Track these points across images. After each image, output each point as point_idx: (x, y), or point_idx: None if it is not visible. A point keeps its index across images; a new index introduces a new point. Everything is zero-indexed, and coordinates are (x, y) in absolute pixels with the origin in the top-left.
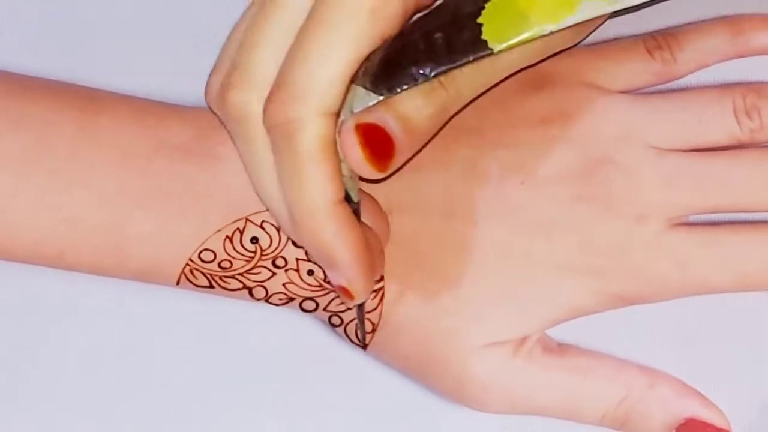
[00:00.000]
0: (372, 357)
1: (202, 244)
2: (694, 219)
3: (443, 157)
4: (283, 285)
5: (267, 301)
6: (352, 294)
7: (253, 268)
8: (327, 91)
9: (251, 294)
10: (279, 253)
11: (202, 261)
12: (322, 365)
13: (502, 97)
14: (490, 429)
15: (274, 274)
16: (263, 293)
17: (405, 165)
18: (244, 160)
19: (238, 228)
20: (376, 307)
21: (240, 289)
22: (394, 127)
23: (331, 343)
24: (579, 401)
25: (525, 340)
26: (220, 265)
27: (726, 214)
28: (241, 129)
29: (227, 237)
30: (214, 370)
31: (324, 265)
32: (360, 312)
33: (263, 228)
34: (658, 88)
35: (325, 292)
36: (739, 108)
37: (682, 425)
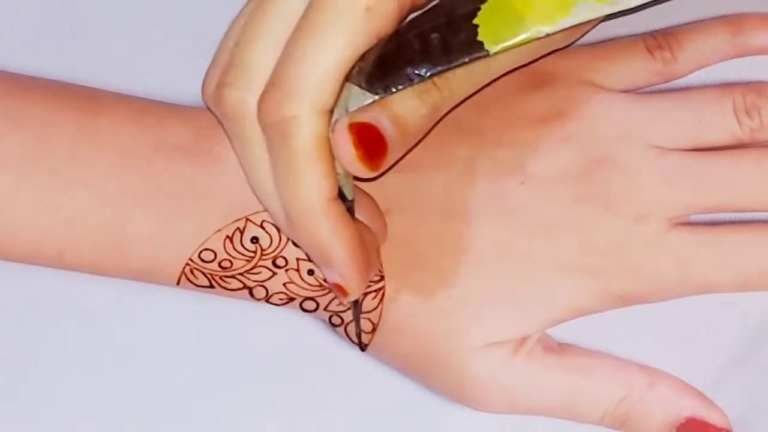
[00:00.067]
0: (372, 357)
1: (203, 244)
2: (694, 219)
3: (443, 157)
4: (284, 285)
5: (267, 301)
6: (346, 291)
7: (253, 268)
8: (321, 88)
9: (251, 294)
10: (279, 252)
11: (202, 261)
12: (322, 365)
13: (502, 96)
14: (490, 429)
15: (275, 273)
16: (263, 293)
17: (395, 164)
18: (240, 157)
19: (239, 228)
20: (376, 307)
21: (240, 289)
22: (387, 126)
23: (331, 343)
24: (579, 401)
25: (525, 340)
26: (220, 265)
27: (726, 214)
28: (237, 127)
29: (227, 237)
30: (214, 370)
31: (319, 262)
32: (355, 309)
33: (263, 228)
34: (659, 87)
35: (326, 292)
36: (740, 107)
37: (682, 425)
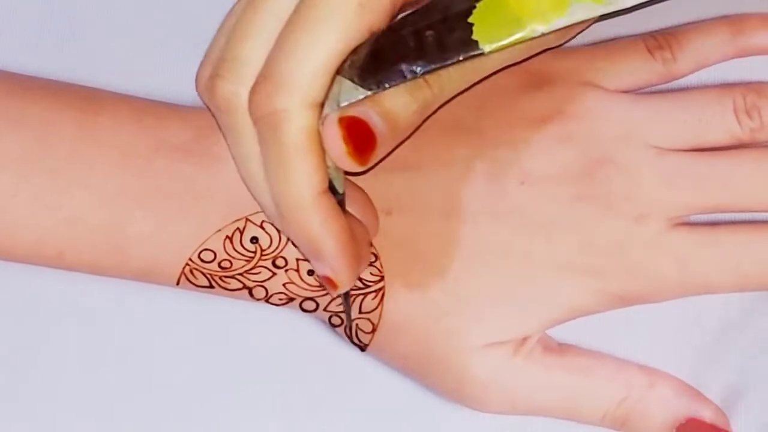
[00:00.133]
0: (372, 357)
1: (202, 244)
2: (694, 219)
3: (443, 157)
4: (284, 285)
5: (267, 301)
6: (336, 284)
7: (253, 268)
8: (312, 82)
9: (251, 294)
10: (279, 253)
11: (202, 261)
12: (322, 365)
13: (502, 96)
14: (490, 429)
15: (274, 274)
16: (263, 293)
17: (383, 159)
18: (232, 150)
19: (238, 228)
20: (377, 307)
21: (240, 289)
22: (377, 122)
23: (331, 343)
24: (579, 401)
25: (525, 340)
26: (220, 265)
27: (726, 214)
28: (229, 120)
29: (227, 237)
30: (214, 370)
31: (309, 255)
32: (346, 301)
33: (263, 228)
34: (659, 87)
35: (326, 292)
36: (740, 107)
37: (682, 425)
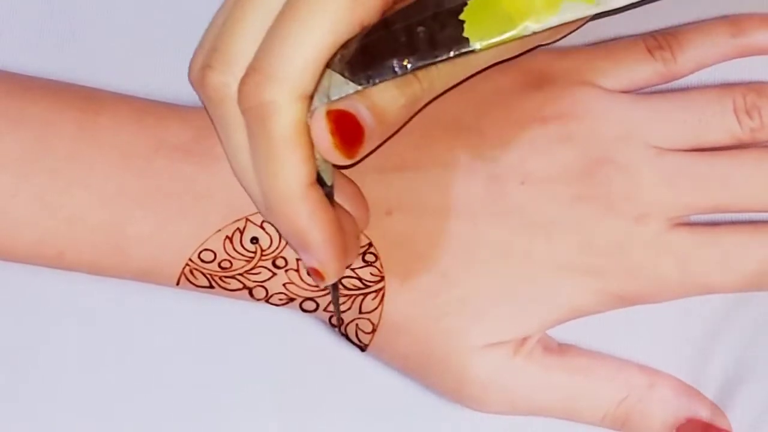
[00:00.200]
0: (372, 357)
1: (202, 244)
2: (694, 219)
3: (443, 157)
4: (284, 285)
5: (267, 301)
6: (323, 275)
7: (253, 269)
8: (302, 74)
9: (251, 294)
10: (279, 253)
11: (202, 261)
12: (322, 365)
13: (502, 96)
14: (490, 429)
15: (275, 274)
16: (263, 293)
17: (371, 153)
18: (222, 142)
19: (238, 228)
20: (376, 308)
21: (240, 289)
22: (366, 115)
23: (331, 343)
24: (579, 401)
25: (525, 340)
26: (220, 265)
27: (726, 214)
28: (219, 111)
29: (227, 237)
30: (214, 370)
31: (296, 246)
32: (334, 293)
33: (263, 228)
34: (659, 87)
35: (326, 292)
36: (740, 107)
37: (682, 425)
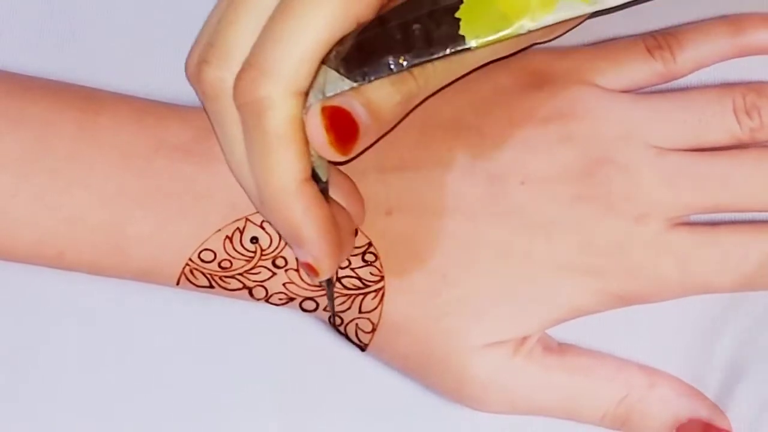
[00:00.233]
0: (372, 357)
1: (202, 244)
2: (694, 219)
3: (443, 157)
4: (283, 285)
5: (267, 301)
6: (317, 271)
7: (253, 268)
8: (297, 70)
9: (251, 294)
10: (279, 252)
11: (202, 261)
12: (322, 365)
13: (502, 96)
14: (490, 429)
15: (274, 274)
16: (263, 293)
17: (366, 150)
18: (218, 136)
19: (238, 228)
20: (376, 307)
21: (240, 289)
22: (361, 112)
23: (331, 343)
24: (579, 401)
25: (525, 339)
26: (220, 265)
27: (726, 214)
28: (215, 106)
29: (227, 237)
30: (214, 370)
31: (291, 242)
32: (329, 289)
33: (263, 228)
34: (659, 87)
35: (326, 292)
36: (740, 107)
37: (682, 425)
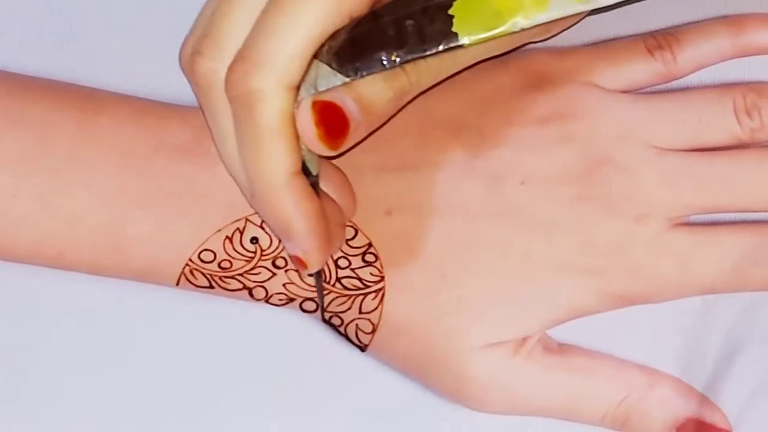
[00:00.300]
0: (372, 357)
1: (202, 244)
2: (694, 219)
3: (443, 157)
4: (283, 285)
5: (267, 301)
6: (306, 264)
7: (253, 269)
8: (289, 64)
9: (251, 294)
10: (279, 253)
11: (202, 261)
12: (322, 365)
13: (502, 96)
14: (490, 429)
15: (274, 274)
16: (263, 294)
17: (357, 145)
18: (210, 128)
19: (238, 228)
20: (376, 307)
21: (240, 289)
22: (352, 107)
23: (331, 343)
24: (579, 401)
25: (525, 340)
26: (220, 266)
27: (726, 214)
28: (207, 97)
29: (227, 237)
30: (214, 370)
31: (280, 235)
32: (318, 282)
33: (263, 228)
34: (659, 87)
35: (326, 292)
36: (740, 107)
37: (682, 425)
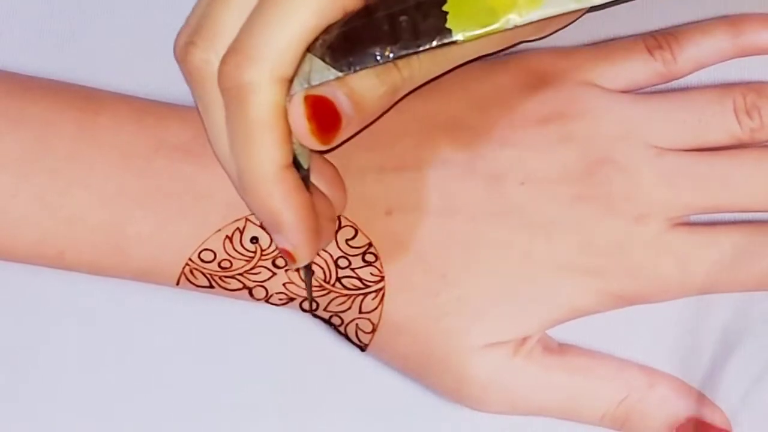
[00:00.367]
0: (372, 357)
1: (202, 244)
2: (694, 219)
3: (443, 157)
4: (284, 285)
5: (267, 301)
6: (294, 257)
7: (253, 268)
8: (282, 57)
9: (251, 294)
10: (279, 253)
11: (202, 261)
12: (322, 365)
13: (502, 96)
14: (490, 429)
15: (274, 274)
16: (263, 293)
17: (347, 141)
18: (203, 119)
19: (238, 228)
20: (377, 307)
21: (240, 289)
22: (344, 102)
23: (331, 343)
24: (579, 401)
25: (525, 340)
26: (220, 265)
27: (726, 214)
28: (200, 88)
29: (227, 237)
30: (214, 370)
31: (269, 228)
32: (307, 276)
33: (263, 228)
34: (659, 87)
35: (326, 292)
36: (740, 107)
37: (682, 425)
